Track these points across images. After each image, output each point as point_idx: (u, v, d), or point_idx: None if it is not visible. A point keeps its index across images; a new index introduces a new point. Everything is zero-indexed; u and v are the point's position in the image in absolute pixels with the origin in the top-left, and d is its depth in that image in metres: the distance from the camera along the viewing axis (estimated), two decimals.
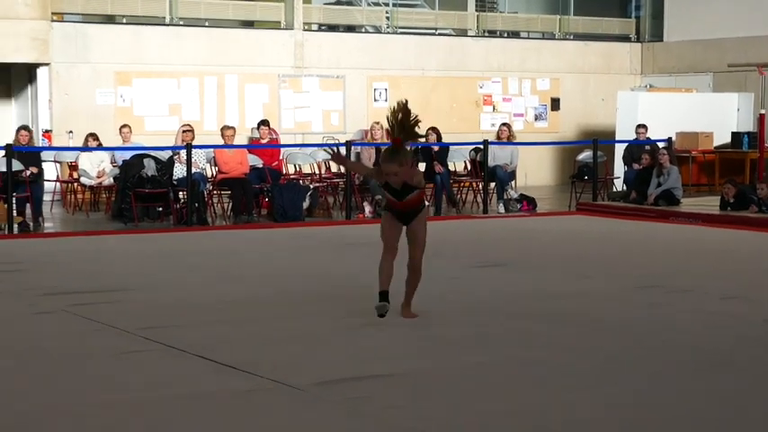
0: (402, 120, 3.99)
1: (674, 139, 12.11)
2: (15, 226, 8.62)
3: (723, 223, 9.95)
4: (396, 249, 4.20)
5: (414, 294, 4.33)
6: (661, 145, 11.44)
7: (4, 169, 8.54)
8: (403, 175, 3.96)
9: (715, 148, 13.19)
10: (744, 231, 9.39)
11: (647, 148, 11.61)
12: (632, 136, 12.38)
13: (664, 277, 6.60)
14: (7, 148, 8.63)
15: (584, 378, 3.76)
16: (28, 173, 9.04)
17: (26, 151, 9.23)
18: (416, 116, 4.03)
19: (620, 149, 12.79)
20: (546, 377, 3.67)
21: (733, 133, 13.15)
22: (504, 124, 12.12)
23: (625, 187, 11.93)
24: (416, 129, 4.07)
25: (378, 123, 11.10)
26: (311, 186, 10.82)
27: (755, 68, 11.89)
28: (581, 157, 12.62)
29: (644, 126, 12.14)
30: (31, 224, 9.03)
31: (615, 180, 12.46)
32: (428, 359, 4.12)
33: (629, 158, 12.19)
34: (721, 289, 6.02)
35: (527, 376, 3.78)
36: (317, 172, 11.43)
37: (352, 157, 10.81)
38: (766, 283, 6.38)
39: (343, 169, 10.68)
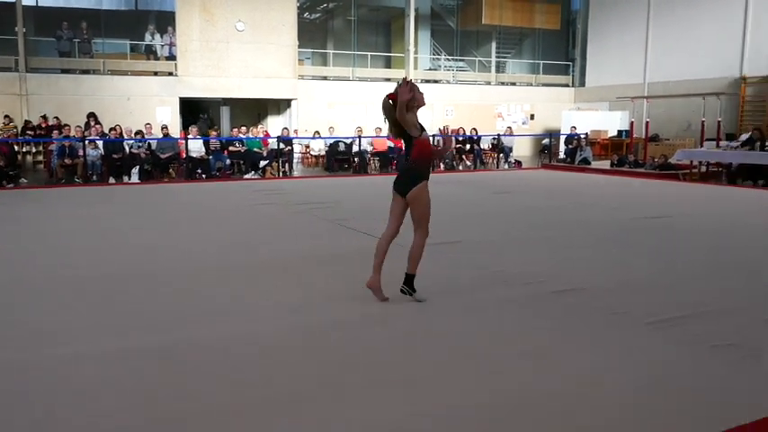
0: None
1: (589, 133, 18.54)
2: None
3: (611, 173, 15.05)
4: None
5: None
6: (582, 136, 17.59)
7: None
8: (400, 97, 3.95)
9: (609, 137, 19.58)
10: (620, 177, 14.24)
11: (575, 137, 17.61)
12: (569, 131, 18.63)
13: (583, 195, 10.82)
14: (278, 139, 15.79)
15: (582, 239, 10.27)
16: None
17: (286, 139, 16.71)
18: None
19: (562, 138, 19.03)
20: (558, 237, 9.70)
21: (618, 130, 19.59)
22: (507, 127, 19.75)
23: (565, 156, 18.09)
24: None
25: (447, 125, 19.90)
26: None
27: (630, 99, 18.23)
28: (544, 141, 19.91)
29: (574, 127, 18.54)
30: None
31: (560, 153, 18.82)
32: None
33: (567, 142, 18.30)
34: (610, 199, 10.30)
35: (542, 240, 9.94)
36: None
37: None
38: (621, 196, 10.79)
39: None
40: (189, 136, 14.85)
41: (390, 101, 4.19)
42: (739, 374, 3.25)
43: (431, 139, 4.30)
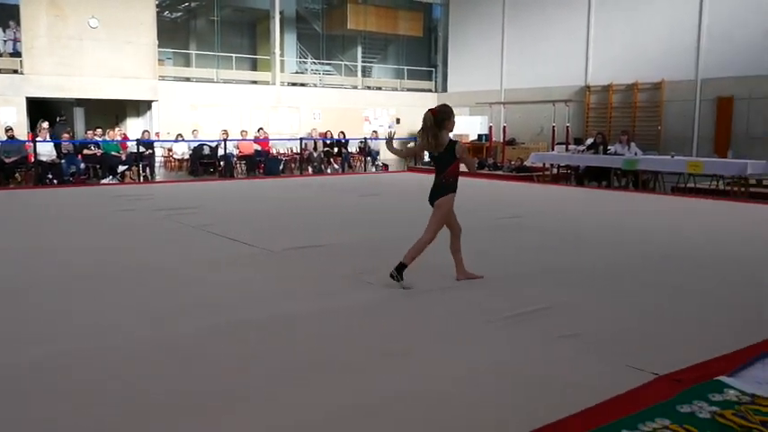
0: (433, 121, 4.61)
1: (451, 137, 21.38)
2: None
3: (472, 175, 16.30)
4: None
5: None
6: None
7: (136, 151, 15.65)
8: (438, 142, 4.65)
9: (470, 141, 20.10)
10: (480, 179, 14.33)
11: None
12: None
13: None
14: (137, 142, 14.76)
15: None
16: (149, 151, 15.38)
17: (146, 142, 15.71)
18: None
19: None
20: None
21: (478, 134, 20.72)
22: (373, 130, 20.29)
23: (429, 159, 20.97)
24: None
25: (315, 129, 19.65)
26: (282, 159, 17.83)
27: (488, 104, 20.20)
28: (409, 145, 20.60)
29: None
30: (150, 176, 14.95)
31: (425, 156, 18.65)
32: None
33: None
34: (471, 200, 11.78)
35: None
36: (286, 151, 18.60)
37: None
38: (482, 198, 12.11)
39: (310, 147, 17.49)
40: (38, 138, 13.87)
41: (432, 116, 4.77)
42: (585, 361, 3.49)
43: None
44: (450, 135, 4.98)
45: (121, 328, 4.02)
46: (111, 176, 14.65)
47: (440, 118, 4.78)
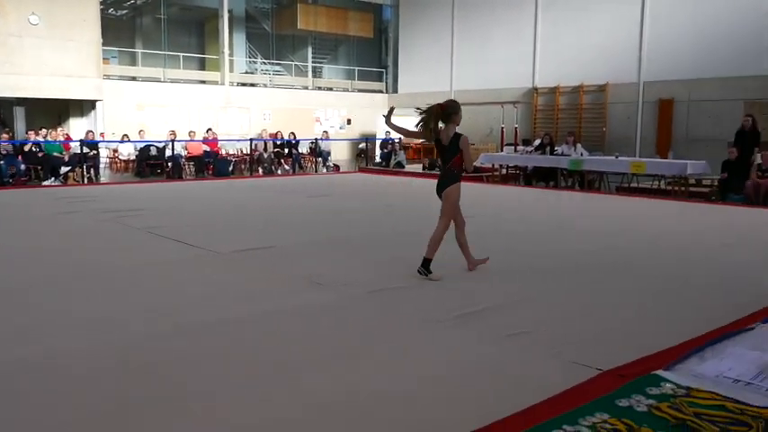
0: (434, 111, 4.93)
1: (402, 138, 18.67)
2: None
3: (423, 176, 16.13)
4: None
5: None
6: (396, 141, 18.96)
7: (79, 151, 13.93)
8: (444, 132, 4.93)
9: (421, 142, 19.87)
10: (431, 179, 16.37)
11: (390, 142, 19.08)
12: (384, 136, 19.82)
13: (396, 197, 11.50)
14: (81, 142, 14.17)
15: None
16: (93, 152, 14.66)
17: (90, 143, 14.96)
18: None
19: (378, 142, 20.57)
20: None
21: None
22: (324, 131, 20.21)
23: (380, 160, 19.58)
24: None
25: (265, 129, 19.33)
26: (231, 160, 17.61)
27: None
28: (361, 146, 20.76)
29: (389, 132, 18.68)
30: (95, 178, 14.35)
31: (376, 157, 20.35)
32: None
33: (382, 146, 19.78)
34: (421, 200, 11.29)
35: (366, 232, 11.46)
36: (236, 152, 18.37)
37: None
38: (431, 198, 13.63)
39: (260, 148, 17.31)
40: None
41: (441, 110, 5.11)
42: (533, 358, 3.55)
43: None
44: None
45: (65, 335, 3.91)
46: (53, 178, 14.23)
47: (447, 112, 5.13)
